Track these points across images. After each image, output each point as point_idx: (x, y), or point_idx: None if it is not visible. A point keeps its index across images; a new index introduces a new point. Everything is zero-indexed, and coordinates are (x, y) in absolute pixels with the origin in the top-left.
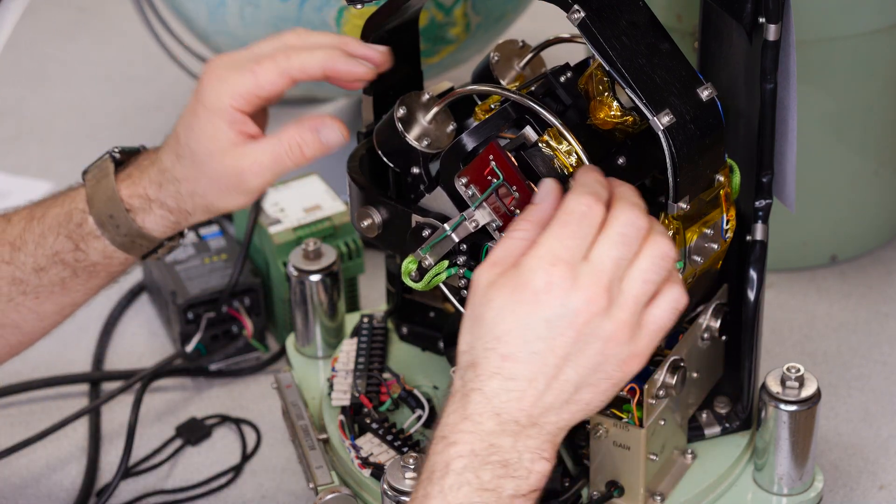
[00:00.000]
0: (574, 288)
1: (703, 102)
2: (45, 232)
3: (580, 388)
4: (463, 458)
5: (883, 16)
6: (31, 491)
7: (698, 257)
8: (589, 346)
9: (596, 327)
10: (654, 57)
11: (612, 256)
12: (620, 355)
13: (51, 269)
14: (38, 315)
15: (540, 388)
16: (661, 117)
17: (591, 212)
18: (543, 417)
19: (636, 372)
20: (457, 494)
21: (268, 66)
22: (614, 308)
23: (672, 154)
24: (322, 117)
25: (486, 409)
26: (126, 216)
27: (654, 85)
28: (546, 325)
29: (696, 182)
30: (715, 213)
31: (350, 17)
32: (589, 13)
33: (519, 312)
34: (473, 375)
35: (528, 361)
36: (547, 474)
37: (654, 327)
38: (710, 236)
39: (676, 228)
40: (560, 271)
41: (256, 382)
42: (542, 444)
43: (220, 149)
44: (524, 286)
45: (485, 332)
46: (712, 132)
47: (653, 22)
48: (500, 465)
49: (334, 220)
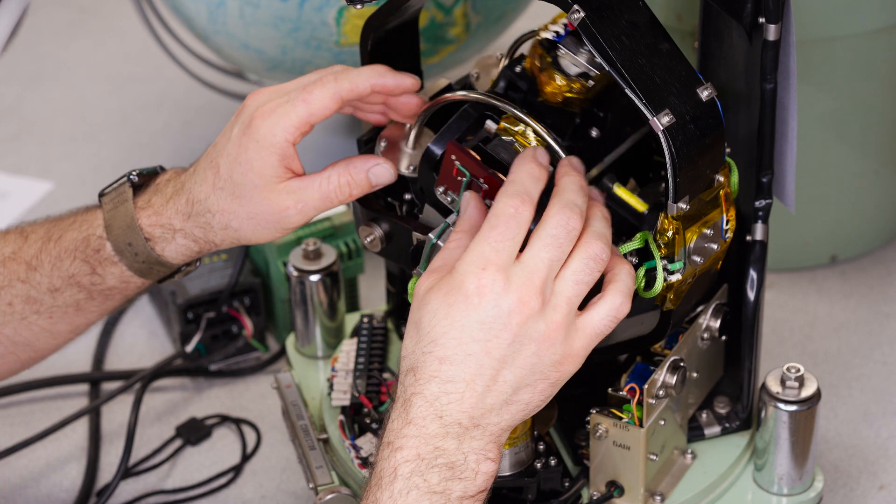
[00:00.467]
0: (506, 290)
1: (703, 102)
2: (61, 254)
3: (519, 389)
4: (409, 462)
5: (883, 16)
6: (31, 491)
7: (698, 258)
8: (524, 348)
9: (530, 328)
10: (654, 57)
11: (544, 258)
12: (555, 356)
13: (66, 290)
14: (51, 334)
15: (479, 391)
16: (661, 118)
17: (518, 213)
18: (485, 419)
19: (572, 372)
20: (406, 499)
21: (318, 93)
22: (548, 309)
23: (672, 154)
24: (370, 157)
25: (428, 412)
26: (145, 245)
27: (653, 85)
28: (480, 327)
29: (696, 182)
30: (715, 213)
31: (350, 17)
32: (589, 13)
33: (453, 315)
34: (413, 380)
35: (465, 363)
36: (493, 475)
37: (589, 331)
38: (709, 236)
39: (676, 228)
40: (490, 274)
41: (256, 382)
42: (487, 444)
43: (266, 184)
44: (457, 290)
45: (422, 336)
46: (712, 132)
47: (653, 22)
48: (447, 468)
49: (334, 220)
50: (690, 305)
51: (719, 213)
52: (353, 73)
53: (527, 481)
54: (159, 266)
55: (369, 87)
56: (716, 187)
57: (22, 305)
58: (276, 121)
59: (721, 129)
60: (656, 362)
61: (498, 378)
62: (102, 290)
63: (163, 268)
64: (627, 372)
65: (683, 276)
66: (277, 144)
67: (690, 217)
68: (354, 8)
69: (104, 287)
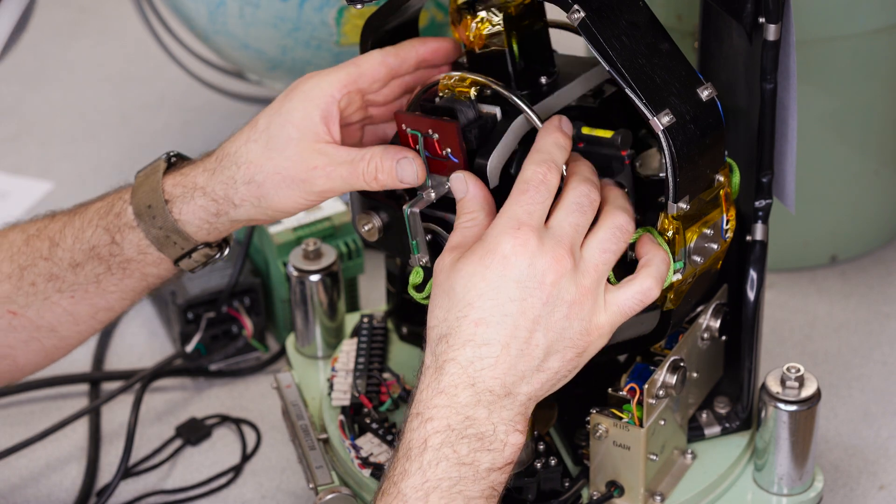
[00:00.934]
0: (540, 249)
1: (703, 102)
2: (84, 225)
3: (549, 355)
4: (440, 433)
5: (883, 16)
6: (31, 491)
7: (698, 257)
8: (556, 310)
9: (562, 289)
10: (654, 57)
11: (571, 222)
12: (583, 322)
13: (87, 264)
14: (73, 318)
15: (513, 354)
16: (661, 117)
17: (546, 179)
18: (516, 387)
19: (598, 347)
20: (435, 470)
21: (367, 57)
22: (578, 273)
23: (672, 154)
24: (406, 151)
25: (460, 379)
26: (163, 207)
27: (653, 85)
28: (517, 285)
29: (696, 182)
30: (715, 213)
31: (350, 17)
32: (589, 13)
33: (489, 277)
34: (446, 346)
35: (501, 324)
36: (520, 447)
37: (615, 308)
38: (709, 236)
39: (676, 228)
40: (525, 234)
41: (256, 382)
42: (516, 415)
43: (302, 137)
44: (492, 252)
45: (456, 301)
46: (712, 132)
47: (653, 22)
48: (476, 439)
49: (334, 220)
50: (690, 305)
51: (719, 212)
52: (395, 46)
53: (527, 481)
54: (176, 235)
55: (415, 56)
56: (716, 187)
57: (44, 284)
58: (323, 76)
59: (721, 129)
60: (656, 362)
61: (531, 340)
62: (120, 263)
63: (179, 237)
64: (627, 372)
65: (684, 275)
66: (322, 97)
67: (691, 217)
68: (354, 8)
69: (122, 258)
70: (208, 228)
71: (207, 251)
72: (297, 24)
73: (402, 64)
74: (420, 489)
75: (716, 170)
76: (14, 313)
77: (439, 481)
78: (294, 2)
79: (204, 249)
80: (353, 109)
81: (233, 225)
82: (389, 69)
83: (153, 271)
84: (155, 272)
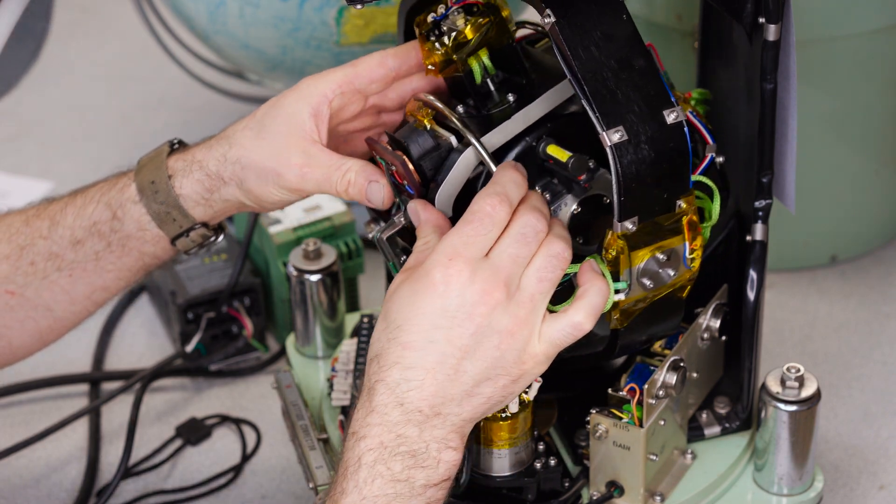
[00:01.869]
0: (472, 281)
1: (667, 125)
2: (86, 203)
3: (480, 382)
4: (373, 450)
5: (883, 16)
6: (31, 491)
7: (648, 281)
8: (487, 340)
9: (494, 321)
10: (624, 72)
11: (511, 253)
12: (516, 352)
13: (87, 241)
14: (70, 297)
15: (440, 379)
16: (611, 134)
17: (494, 212)
18: (446, 408)
19: (534, 374)
20: (371, 487)
21: (366, 57)
22: (512, 304)
23: (618, 172)
24: (380, 174)
25: (389, 399)
26: (166, 182)
27: (613, 100)
28: (444, 314)
29: (647, 204)
30: (674, 240)
31: (350, 17)
32: (560, 19)
33: (418, 303)
34: (377, 367)
35: (427, 350)
36: (456, 464)
37: (547, 339)
38: (663, 261)
39: (621, 248)
40: (457, 265)
41: (256, 382)
42: (448, 434)
43: (289, 131)
44: (424, 278)
45: (389, 323)
46: (671, 156)
47: (633, 37)
48: (409, 456)
49: (334, 220)
50: (647, 333)
51: (680, 240)
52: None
53: (527, 481)
54: (175, 211)
55: (416, 57)
56: (677, 213)
57: (44, 263)
58: (321, 76)
59: (684, 154)
60: (656, 362)
61: (459, 368)
62: (120, 239)
63: (179, 214)
64: (627, 372)
65: (630, 297)
66: (314, 96)
67: (642, 239)
68: (354, 8)
69: (122, 235)
70: (204, 206)
71: (204, 231)
72: (297, 24)
73: (402, 65)
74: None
75: (676, 195)
76: (12, 293)
77: (375, 498)
78: (294, 2)
79: (201, 230)
80: (351, 112)
81: (225, 205)
82: (388, 70)
83: (150, 250)
84: (152, 251)
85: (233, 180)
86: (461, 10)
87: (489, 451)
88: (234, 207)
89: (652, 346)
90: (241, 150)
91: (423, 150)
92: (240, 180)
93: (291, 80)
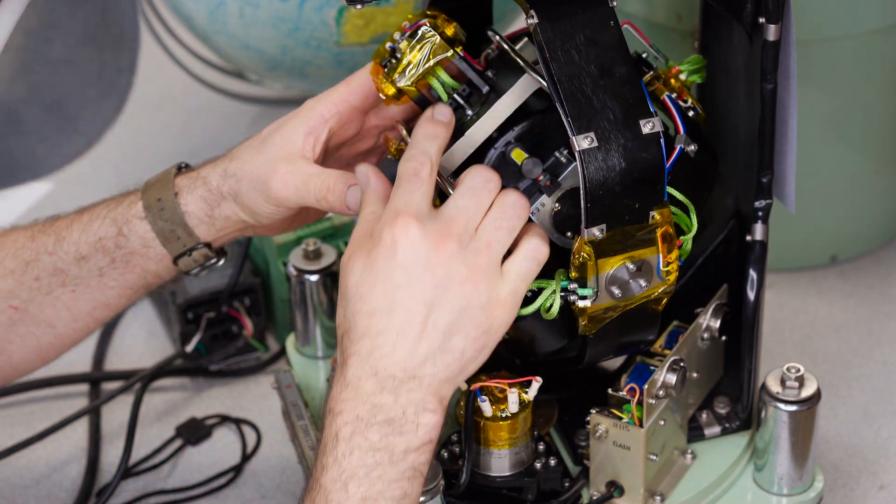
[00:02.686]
0: (422, 235)
1: (642, 135)
2: (91, 219)
3: (450, 335)
4: (349, 424)
5: (883, 16)
6: (31, 491)
7: (617, 290)
8: (449, 290)
9: (452, 271)
10: (603, 79)
11: (458, 205)
12: (482, 299)
13: (91, 257)
14: (72, 314)
15: (410, 338)
16: (581, 140)
17: (417, 170)
18: (421, 369)
19: (504, 322)
20: (350, 460)
21: (359, 72)
22: (468, 252)
23: (584, 178)
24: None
25: (363, 371)
26: (173, 199)
27: (588, 105)
28: (402, 271)
29: (616, 213)
30: (646, 251)
31: (350, 17)
32: (542, 21)
33: (375, 268)
34: (348, 342)
35: (393, 312)
36: (436, 426)
37: (513, 275)
38: (633, 272)
39: (588, 254)
40: (403, 221)
41: (256, 382)
42: (425, 396)
43: (283, 145)
44: (376, 245)
45: (350, 296)
46: (643, 166)
47: (618, 45)
48: (386, 424)
49: (334, 220)
50: (618, 342)
51: (653, 251)
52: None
53: (527, 481)
54: (180, 229)
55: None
56: (650, 224)
57: (48, 278)
58: (320, 98)
59: (659, 165)
60: (656, 362)
61: (427, 323)
62: (125, 255)
63: (183, 232)
64: (627, 372)
65: (597, 304)
66: (311, 115)
67: (611, 248)
68: (354, 8)
69: (127, 251)
70: (207, 224)
71: (206, 252)
72: (297, 24)
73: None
74: (338, 480)
75: (649, 206)
76: (15, 308)
77: (355, 469)
78: (294, 2)
79: (203, 250)
80: (351, 132)
81: (226, 223)
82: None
83: (153, 268)
84: (154, 269)
85: (230, 194)
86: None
87: (489, 451)
88: (234, 227)
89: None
90: (240, 162)
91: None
92: (235, 193)
93: (291, 80)
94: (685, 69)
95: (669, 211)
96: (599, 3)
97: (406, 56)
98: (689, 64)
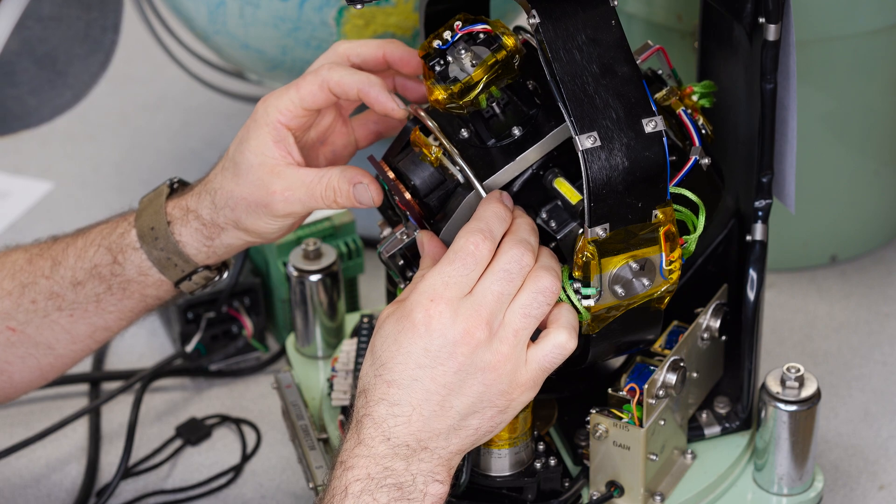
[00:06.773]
0: (453, 322)
1: (645, 134)
2: (87, 245)
3: (467, 416)
4: (360, 481)
5: (883, 16)
6: (31, 491)
7: (620, 289)
8: (471, 377)
9: (476, 359)
10: (605, 78)
11: (494, 291)
12: (502, 385)
13: (87, 283)
14: (71, 336)
15: (425, 415)
16: (584, 139)
17: (477, 250)
18: (433, 442)
19: (523, 402)
20: None
21: (309, 79)
22: (495, 340)
23: (588, 177)
24: (362, 174)
25: (376, 433)
26: (165, 229)
27: (590, 105)
28: (426, 354)
29: (619, 212)
30: (649, 250)
31: (350, 17)
32: (544, 20)
33: (401, 341)
34: (364, 402)
35: (411, 388)
36: (442, 497)
37: (535, 365)
38: (636, 271)
39: (592, 253)
40: (438, 307)
41: (256, 382)
42: (435, 467)
43: (260, 163)
44: (406, 318)
45: (375, 358)
46: (646, 165)
47: (619, 43)
48: (396, 488)
49: (334, 220)
50: (621, 341)
51: (656, 250)
52: (346, 72)
53: (527, 481)
54: (177, 257)
55: (355, 92)
56: (653, 223)
57: (45, 302)
58: (271, 101)
59: (662, 164)
60: (656, 362)
61: (444, 404)
62: (121, 283)
63: (180, 259)
64: (627, 372)
65: (601, 304)
66: (271, 123)
67: (614, 247)
68: (354, 8)
69: (123, 279)
70: (206, 251)
71: (207, 273)
72: (297, 24)
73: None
74: None
75: (651, 205)
76: (13, 330)
77: None
78: (294, 2)
79: (204, 272)
80: (327, 122)
81: (228, 249)
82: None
83: (153, 293)
84: (154, 294)
85: (228, 224)
86: (467, 48)
87: (489, 451)
88: (238, 248)
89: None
90: (225, 193)
91: (430, 187)
92: (235, 222)
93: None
94: (697, 92)
95: (672, 209)
96: (600, 2)
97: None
98: (702, 87)
